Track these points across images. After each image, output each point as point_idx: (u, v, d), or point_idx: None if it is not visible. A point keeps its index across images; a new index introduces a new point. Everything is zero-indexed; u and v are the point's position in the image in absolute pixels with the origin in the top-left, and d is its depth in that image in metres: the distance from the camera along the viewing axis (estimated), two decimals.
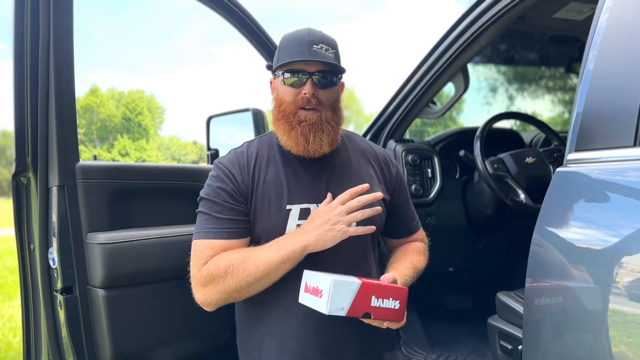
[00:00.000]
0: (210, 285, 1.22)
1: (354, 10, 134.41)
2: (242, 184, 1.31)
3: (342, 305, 1.07)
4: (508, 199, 1.99)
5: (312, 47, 1.27)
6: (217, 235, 1.26)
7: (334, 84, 1.31)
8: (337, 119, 1.34)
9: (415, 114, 2.23)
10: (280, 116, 1.31)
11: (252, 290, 1.23)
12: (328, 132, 1.29)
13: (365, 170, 1.42)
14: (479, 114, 14.24)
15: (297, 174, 1.33)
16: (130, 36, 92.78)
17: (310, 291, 1.12)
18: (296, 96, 1.28)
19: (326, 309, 1.06)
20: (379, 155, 1.48)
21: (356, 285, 1.08)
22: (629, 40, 1.02)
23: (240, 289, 1.21)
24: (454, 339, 2.42)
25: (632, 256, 0.88)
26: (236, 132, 2.27)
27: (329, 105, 1.31)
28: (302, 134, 1.28)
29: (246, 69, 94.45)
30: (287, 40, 1.32)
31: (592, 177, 1.03)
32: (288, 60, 1.27)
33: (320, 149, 1.30)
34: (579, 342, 0.98)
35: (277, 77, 1.32)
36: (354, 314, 1.09)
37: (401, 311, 1.15)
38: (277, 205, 1.29)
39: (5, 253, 8.66)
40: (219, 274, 1.21)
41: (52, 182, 1.44)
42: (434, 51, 2.00)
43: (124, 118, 44.19)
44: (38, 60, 1.39)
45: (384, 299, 1.12)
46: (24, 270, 1.52)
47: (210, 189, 1.32)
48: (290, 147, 1.31)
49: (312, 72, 1.27)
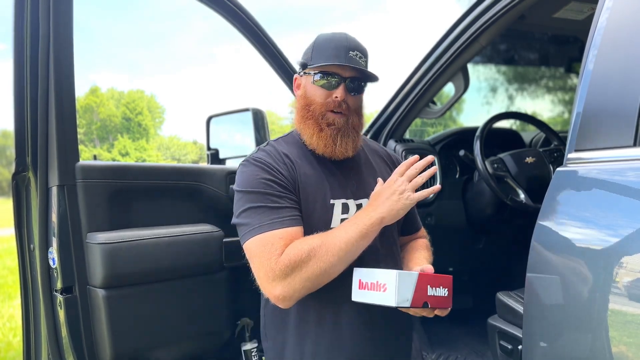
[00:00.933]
0: (294, 273, 1.16)
1: (354, 10, 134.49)
2: (288, 177, 1.29)
3: (407, 296, 1.10)
4: (508, 199, 1.99)
5: (349, 53, 1.29)
6: (283, 224, 1.22)
7: (362, 91, 1.36)
8: (360, 126, 1.38)
9: (415, 114, 2.23)
10: (309, 116, 1.33)
11: (333, 273, 1.19)
12: (353, 138, 1.34)
13: (384, 169, 1.47)
14: (479, 114, 14.24)
15: (330, 171, 1.36)
16: (130, 36, 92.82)
17: (369, 287, 1.14)
18: (327, 98, 1.31)
19: (395, 301, 1.08)
20: (390, 155, 1.55)
21: (415, 276, 1.12)
22: (629, 40, 1.02)
23: (324, 273, 1.17)
24: (454, 339, 2.42)
25: (632, 256, 0.88)
26: (236, 132, 2.27)
27: (355, 111, 1.35)
28: (331, 136, 1.31)
29: (246, 69, 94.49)
30: (324, 42, 1.33)
31: (592, 177, 1.03)
32: (325, 62, 1.29)
33: (346, 152, 1.34)
34: (579, 342, 0.98)
35: (308, 75, 1.34)
36: (416, 304, 1.12)
37: (449, 298, 1.20)
38: (321, 200, 1.30)
39: (5, 253, 8.66)
40: (302, 259, 1.16)
41: (52, 182, 1.44)
42: (434, 51, 2.00)
43: (124, 118, 44.21)
44: (38, 60, 1.39)
45: (436, 287, 1.17)
46: (24, 270, 1.52)
47: (255, 182, 1.26)
48: (318, 147, 1.33)
49: (346, 77, 1.30)
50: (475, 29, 1.83)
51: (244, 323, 1.81)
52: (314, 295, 1.23)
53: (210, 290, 1.68)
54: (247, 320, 1.81)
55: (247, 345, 1.81)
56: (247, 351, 1.81)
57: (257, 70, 66.15)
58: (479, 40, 1.89)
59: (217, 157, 2.18)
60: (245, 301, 1.72)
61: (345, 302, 1.25)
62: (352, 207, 1.33)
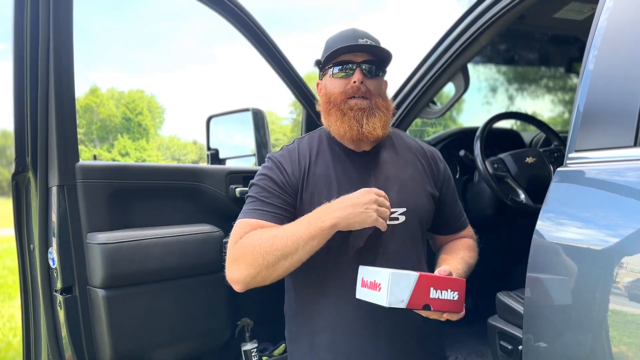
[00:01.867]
0: (239, 260, 1.21)
1: (354, 10, 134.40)
2: (292, 177, 1.34)
3: (402, 298, 1.08)
4: (508, 199, 1.99)
5: (358, 40, 1.31)
6: (259, 216, 1.28)
7: (380, 74, 1.36)
8: (388, 106, 1.37)
9: (415, 114, 2.23)
10: (331, 107, 1.34)
11: (280, 267, 1.19)
12: (380, 117, 1.33)
13: (413, 166, 1.43)
14: (479, 114, 14.25)
15: (346, 168, 1.36)
16: (130, 36, 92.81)
17: (368, 285, 1.13)
18: (346, 86, 1.33)
19: (386, 301, 1.06)
20: (427, 152, 1.50)
21: (414, 277, 1.09)
22: (629, 40, 1.02)
23: (268, 265, 1.18)
24: (454, 339, 2.41)
25: (632, 256, 0.88)
26: (236, 132, 2.27)
27: (378, 94, 1.35)
28: (355, 117, 1.31)
29: (246, 69, 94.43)
30: (333, 39, 1.38)
31: (592, 177, 1.03)
32: (334, 49, 1.30)
33: (374, 131, 1.31)
34: (579, 342, 0.98)
35: (326, 73, 1.37)
36: (414, 306, 1.09)
37: (460, 302, 1.16)
38: (327, 199, 1.30)
39: (5, 253, 8.66)
40: (248, 248, 1.19)
41: (52, 182, 1.44)
42: (434, 51, 2.00)
43: (124, 118, 44.19)
44: (38, 60, 1.39)
45: (442, 290, 1.13)
46: (23, 270, 1.52)
47: (261, 177, 1.35)
48: (344, 131, 1.32)
49: (360, 62, 1.32)
50: (475, 29, 1.83)
51: (244, 323, 1.81)
52: (320, 290, 1.30)
53: (210, 290, 1.68)
54: (247, 320, 1.81)
55: (247, 345, 1.81)
56: (247, 351, 1.81)
57: (257, 70, 66.11)
58: (479, 40, 1.89)
59: (217, 157, 2.18)
60: (245, 301, 1.73)
61: (346, 298, 1.27)
62: None
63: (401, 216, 1.34)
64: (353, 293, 1.23)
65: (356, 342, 1.31)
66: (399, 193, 1.35)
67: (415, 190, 1.38)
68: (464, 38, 1.88)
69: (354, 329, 1.31)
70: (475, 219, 2.41)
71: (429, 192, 1.42)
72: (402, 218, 1.34)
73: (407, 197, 1.36)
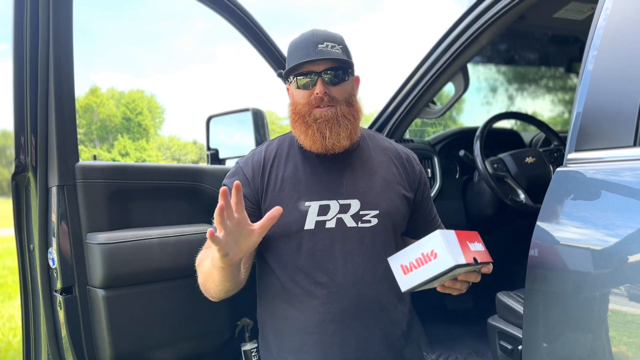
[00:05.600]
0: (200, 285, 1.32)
1: (354, 10, 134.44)
2: (252, 183, 1.35)
3: (459, 253, 1.00)
4: (508, 199, 1.99)
5: (317, 47, 1.28)
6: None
7: (344, 80, 1.32)
8: (354, 112, 1.34)
9: (415, 114, 2.23)
10: (296, 118, 1.33)
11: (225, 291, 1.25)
12: (345, 126, 1.30)
13: (387, 168, 1.41)
14: (479, 114, 14.21)
15: (316, 171, 1.35)
16: (130, 36, 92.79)
17: (415, 265, 1.03)
18: (309, 97, 1.30)
19: (453, 260, 0.97)
20: (402, 154, 1.47)
21: (453, 233, 1.03)
22: (628, 40, 1.02)
23: (217, 292, 1.26)
24: (454, 339, 2.42)
25: (632, 256, 0.88)
26: (236, 132, 2.27)
27: (344, 100, 1.32)
28: (319, 130, 1.29)
29: (246, 69, 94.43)
30: (293, 46, 1.34)
31: (592, 177, 1.03)
32: (295, 63, 1.29)
33: (338, 142, 1.30)
34: (579, 342, 0.98)
35: (291, 83, 1.35)
36: (468, 260, 1.01)
37: (487, 252, 1.11)
38: (294, 202, 1.30)
39: (5, 253, 8.66)
40: (199, 279, 1.31)
41: (51, 182, 1.44)
42: (433, 51, 2.00)
43: (124, 118, 44.20)
44: (38, 60, 1.39)
45: (473, 242, 1.08)
46: (23, 270, 1.52)
47: (225, 184, 1.37)
48: (309, 145, 1.32)
49: (321, 71, 1.29)
50: (475, 29, 1.83)
51: (244, 323, 1.81)
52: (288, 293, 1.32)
53: None
54: (247, 320, 1.81)
55: (247, 345, 1.81)
56: (247, 351, 1.81)
57: (257, 70, 66.09)
58: (479, 40, 1.89)
59: (217, 157, 2.18)
60: (245, 301, 1.72)
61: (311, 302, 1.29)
62: (334, 208, 1.31)
63: (373, 219, 1.32)
64: (320, 299, 1.25)
65: (323, 348, 1.29)
66: (371, 195, 1.33)
67: (388, 192, 1.36)
68: (463, 38, 1.88)
69: (322, 334, 1.29)
70: (475, 219, 2.42)
71: (402, 195, 1.39)
72: (374, 221, 1.32)
73: (379, 200, 1.34)
